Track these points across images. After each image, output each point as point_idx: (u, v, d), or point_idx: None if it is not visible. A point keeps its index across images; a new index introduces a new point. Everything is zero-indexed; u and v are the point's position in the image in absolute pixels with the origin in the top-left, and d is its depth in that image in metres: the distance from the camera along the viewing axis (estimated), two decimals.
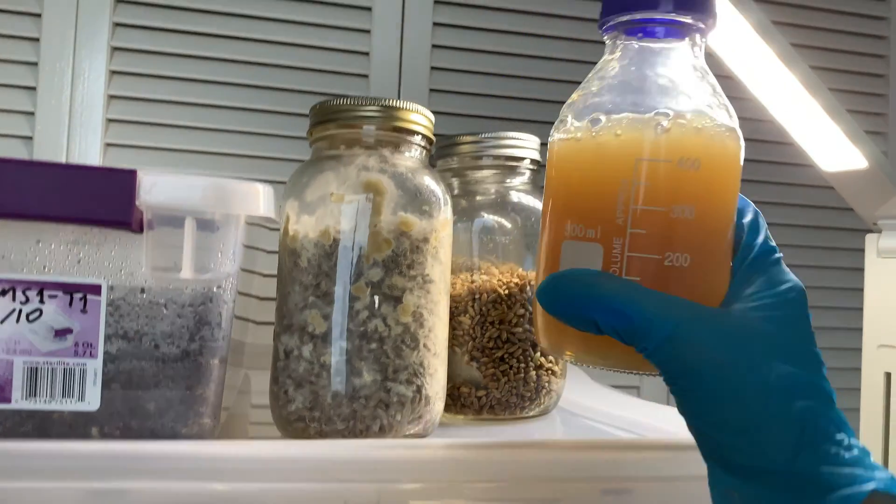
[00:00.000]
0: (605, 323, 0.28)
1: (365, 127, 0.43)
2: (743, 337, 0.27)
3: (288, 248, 0.42)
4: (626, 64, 0.32)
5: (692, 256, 0.29)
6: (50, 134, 0.77)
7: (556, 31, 0.89)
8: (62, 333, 0.36)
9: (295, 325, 0.41)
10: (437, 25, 0.86)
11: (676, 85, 0.31)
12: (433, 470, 0.37)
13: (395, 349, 0.41)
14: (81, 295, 0.36)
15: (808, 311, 0.29)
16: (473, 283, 0.50)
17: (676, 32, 0.31)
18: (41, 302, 0.36)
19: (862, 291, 0.68)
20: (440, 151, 0.53)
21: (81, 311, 0.36)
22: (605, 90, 0.32)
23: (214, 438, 0.39)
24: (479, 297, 0.50)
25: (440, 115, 0.86)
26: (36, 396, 0.36)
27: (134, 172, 0.35)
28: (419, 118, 0.44)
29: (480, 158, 0.52)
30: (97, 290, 0.36)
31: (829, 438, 0.26)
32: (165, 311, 0.37)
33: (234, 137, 0.82)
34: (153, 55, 0.80)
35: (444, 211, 0.44)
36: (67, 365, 0.36)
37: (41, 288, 0.36)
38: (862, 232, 0.68)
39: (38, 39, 0.77)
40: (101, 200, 0.35)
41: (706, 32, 0.32)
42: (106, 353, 0.37)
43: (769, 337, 0.28)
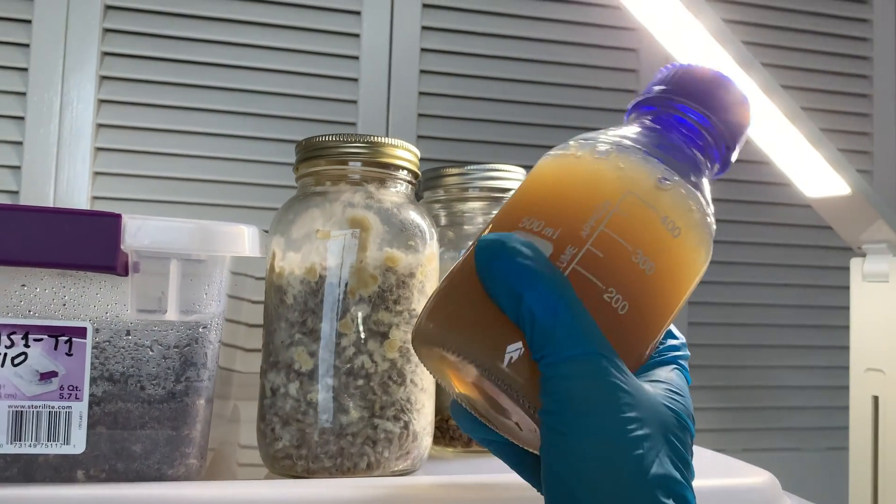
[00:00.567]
0: (528, 305, 0.26)
1: (351, 163, 0.43)
2: (642, 409, 0.26)
3: (274, 284, 0.42)
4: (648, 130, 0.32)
5: (631, 307, 0.28)
6: (38, 163, 0.77)
7: (544, 56, 0.90)
8: (47, 377, 0.36)
9: (281, 362, 0.41)
10: (424, 51, 0.87)
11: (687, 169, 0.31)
12: None
13: (381, 385, 0.41)
14: (67, 338, 0.36)
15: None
16: None
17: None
18: (26, 345, 0.36)
19: (848, 310, 0.68)
20: (427, 183, 0.54)
21: (67, 353, 0.36)
22: (619, 135, 0.31)
23: (201, 479, 0.39)
24: None
25: (429, 139, 0.87)
26: (21, 440, 0.36)
27: (119, 217, 0.35)
28: (405, 153, 0.44)
29: (467, 190, 0.52)
30: (83, 332, 0.36)
31: None
32: (151, 352, 0.37)
33: (223, 164, 0.82)
34: (141, 83, 0.80)
35: (430, 245, 0.44)
36: (53, 408, 0.36)
37: (26, 332, 0.36)
38: (847, 251, 0.69)
39: (26, 69, 0.77)
40: (86, 245, 0.35)
41: (718, 174, 0.33)
42: (91, 395, 0.37)
43: (664, 422, 0.26)
